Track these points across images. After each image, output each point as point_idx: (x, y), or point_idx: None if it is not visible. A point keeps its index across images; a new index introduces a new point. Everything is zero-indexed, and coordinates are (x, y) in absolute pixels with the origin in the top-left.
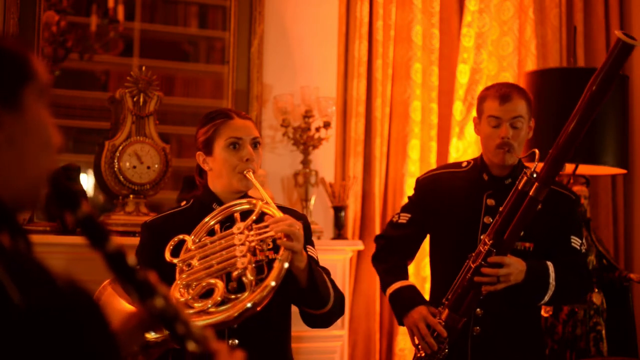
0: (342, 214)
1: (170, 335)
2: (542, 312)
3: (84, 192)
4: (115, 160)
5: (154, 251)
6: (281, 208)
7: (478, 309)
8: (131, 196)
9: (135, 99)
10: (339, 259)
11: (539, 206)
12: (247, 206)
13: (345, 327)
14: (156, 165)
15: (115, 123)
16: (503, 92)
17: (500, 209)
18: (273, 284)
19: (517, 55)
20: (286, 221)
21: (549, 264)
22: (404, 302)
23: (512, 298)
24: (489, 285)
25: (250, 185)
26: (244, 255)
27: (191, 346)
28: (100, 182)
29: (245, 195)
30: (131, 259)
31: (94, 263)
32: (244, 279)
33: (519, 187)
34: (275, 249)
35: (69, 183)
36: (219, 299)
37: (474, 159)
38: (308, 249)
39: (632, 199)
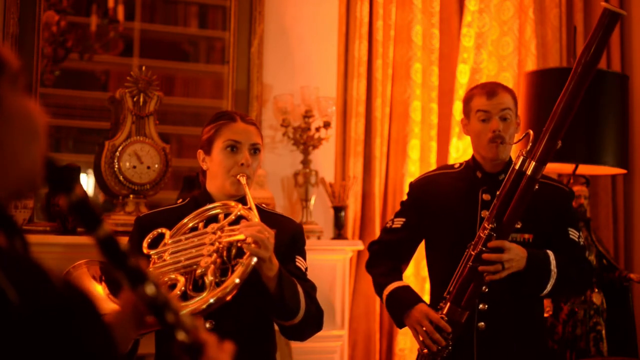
0: (342, 214)
1: (160, 324)
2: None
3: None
4: (115, 160)
5: (139, 243)
6: (277, 216)
7: (482, 304)
8: (131, 196)
9: (135, 99)
10: (339, 259)
11: (536, 186)
12: (218, 210)
13: (345, 327)
14: (156, 165)
15: (115, 123)
16: (489, 88)
17: (498, 192)
18: (237, 281)
19: (517, 55)
20: (256, 227)
21: (549, 252)
22: (402, 302)
23: (515, 288)
24: (491, 274)
25: (242, 190)
26: (210, 255)
27: (181, 335)
28: (100, 182)
29: (242, 199)
30: (123, 244)
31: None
32: (205, 278)
33: (516, 167)
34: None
35: (63, 166)
36: (178, 293)
37: (466, 161)
38: (297, 260)
39: (632, 199)
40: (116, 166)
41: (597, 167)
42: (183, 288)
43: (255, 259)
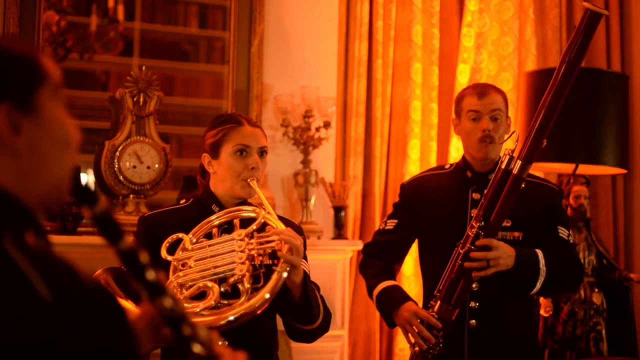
0: (342, 213)
1: (175, 336)
2: (542, 312)
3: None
4: (115, 160)
5: (146, 245)
6: (280, 218)
7: (473, 302)
8: (131, 196)
9: (135, 99)
10: (339, 259)
11: (523, 184)
12: (253, 214)
13: (345, 327)
14: (156, 165)
15: (115, 123)
16: (480, 89)
17: (485, 191)
18: (267, 296)
19: (517, 55)
20: (289, 233)
21: (538, 251)
22: (391, 301)
23: (505, 286)
24: (479, 271)
25: (252, 193)
26: (243, 263)
27: (196, 348)
28: (100, 182)
29: (245, 202)
30: (144, 257)
31: (93, 263)
32: (240, 285)
33: (502, 167)
34: (272, 258)
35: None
36: (213, 303)
37: (457, 162)
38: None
39: (632, 199)
40: (116, 166)
41: (597, 167)
42: (217, 297)
43: (284, 275)
